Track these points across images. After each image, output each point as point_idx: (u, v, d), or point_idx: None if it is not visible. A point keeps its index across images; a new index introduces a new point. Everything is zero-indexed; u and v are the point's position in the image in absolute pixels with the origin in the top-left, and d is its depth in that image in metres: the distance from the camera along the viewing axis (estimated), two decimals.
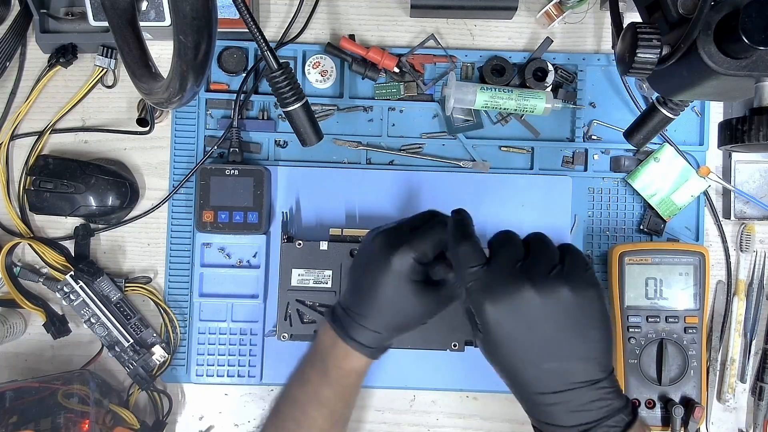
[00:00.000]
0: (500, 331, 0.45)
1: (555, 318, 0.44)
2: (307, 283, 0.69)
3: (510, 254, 0.46)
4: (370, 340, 0.54)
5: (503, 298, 0.44)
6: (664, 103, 0.60)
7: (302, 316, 0.69)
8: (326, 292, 0.68)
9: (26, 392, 0.66)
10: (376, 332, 0.54)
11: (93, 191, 0.70)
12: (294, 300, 0.69)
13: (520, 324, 0.44)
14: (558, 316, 0.44)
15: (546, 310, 0.44)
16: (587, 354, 0.45)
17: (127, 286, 0.73)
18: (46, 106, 0.74)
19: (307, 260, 0.69)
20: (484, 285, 0.45)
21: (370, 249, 0.54)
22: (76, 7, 0.72)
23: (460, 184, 0.74)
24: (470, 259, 0.47)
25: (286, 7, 0.75)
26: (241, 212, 0.71)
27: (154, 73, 0.53)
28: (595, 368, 0.44)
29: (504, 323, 0.44)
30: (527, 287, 0.44)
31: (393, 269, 0.52)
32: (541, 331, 0.44)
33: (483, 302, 0.45)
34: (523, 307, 0.44)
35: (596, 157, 0.75)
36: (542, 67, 0.73)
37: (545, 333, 0.44)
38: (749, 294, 0.74)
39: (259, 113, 0.75)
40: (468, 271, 0.46)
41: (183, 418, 0.74)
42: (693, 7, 0.44)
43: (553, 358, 0.44)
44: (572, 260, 0.46)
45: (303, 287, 0.69)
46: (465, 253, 0.47)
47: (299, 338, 0.69)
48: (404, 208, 0.74)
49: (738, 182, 0.74)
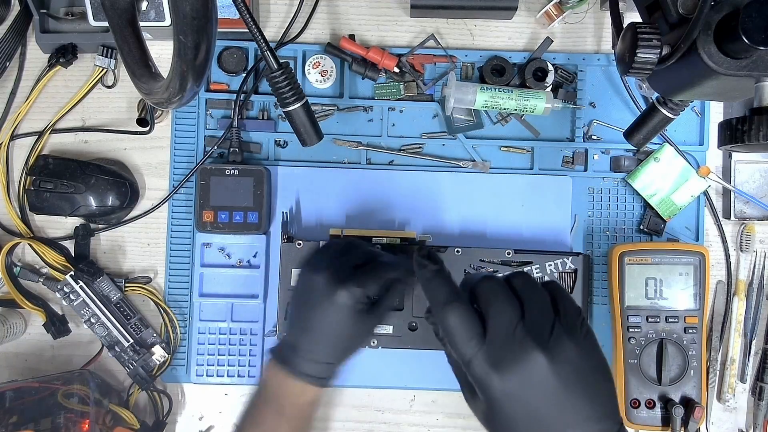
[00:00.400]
0: (510, 405, 0.41)
1: (565, 380, 0.41)
2: None
3: (507, 316, 0.42)
4: (323, 371, 0.56)
5: (512, 368, 0.40)
6: (664, 103, 0.60)
7: None
8: None
9: (26, 392, 0.66)
10: (327, 363, 0.57)
11: (93, 191, 0.70)
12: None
13: (532, 393, 0.41)
14: (568, 376, 0.41)
15: (556, 374, 0.41)
16: (602, 411, 0.42)
17: (127, 286, 0.73)
18: (46, 106, 0.74)
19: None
20: (488, 357, 0.41)
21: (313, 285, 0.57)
22: (76, 7, 0.72)
23: (460, 184, 0.74)
24: (466, 329, 0.42)
25: (286, 7, 0.75)
26: (241, 212, 0.71)
27: (154, 73, 0.53)
28: (610, 423, 0.42)
29: (515, 395, 0.41)
30: (536, 353, 0.40)
31: (340, 304, 0.55)
32: (554, 397, 0.41)
33: (490, 376, 0.41)
34: (534, 375, 0.40)
35: (596, 157, 0.75)
36: (542, 67, 0.73)
37: (558, 398, 0.41)
38: (749, 294, 0.74)
39: (259, 113, 0.75)
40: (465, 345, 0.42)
41: (183, 418, 0.74)
42: (693, 7, 0.44)
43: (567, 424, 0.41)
44: (566, 308, 0.44)
45: None
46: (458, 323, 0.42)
47: None
48: (404, 208, 0.74)
49: (738, 182, 0.74)
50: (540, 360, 0.40)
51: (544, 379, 0.40)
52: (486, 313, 0.43)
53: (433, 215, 0.74)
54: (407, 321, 0.68)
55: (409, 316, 0.68)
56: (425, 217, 0.74)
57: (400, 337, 0.68)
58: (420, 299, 0.68)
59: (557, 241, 0.73)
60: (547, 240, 0.73)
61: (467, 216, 0.74)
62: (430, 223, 0.74)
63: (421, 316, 0.68)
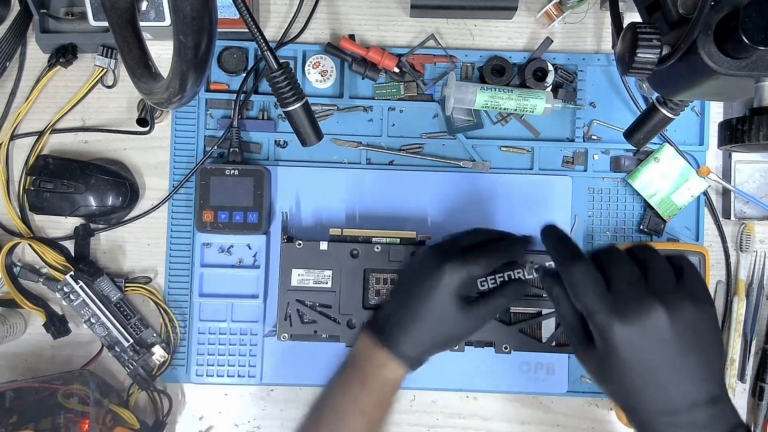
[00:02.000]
0: (629, 352, 0.44)
1: (682, 337, 0.44)
2: (307, 283, 0.68)
3: (630, 273, 0.46)
4: (412, 350, 0.55)
5: (635, 319, 0.44)
6: (664, 103, 0.60)
7: (302, 317, 0.68)
8: (326, 292, 0.68)
9: (26, 392, 0.66)
10: (418, 343, 0.55)
11: (93, 191, 0.70)
12: (294, 300, 0.68)
13: (650, 344, 0.44)
14: (685, 334, 0.44)
15: (674, 330, 0.44)
16: (709, 372, 0.45)
17: (127, 286, 0.73)
18: (46, 106, 0.74)
19: (307, 260, 0.68)
20: (613, 307, 0.44)
21: (421, 260, 0.56)
22: (76, 7, 0.72)
23: (460, 184, 0.74)
24: (592, 282, 0.46)
25: (286, 7, 0.75)
26: (241, 212, 0.71)
27: (154, 73, 0.53)
28: (714, 386, 0.44)
29: (635, 344, 0.44)
30: (657, 306, 0.44)
31: (443, 283, 0.54)
32: (669, 351, 0.44)
33: (611, 324, 0.44)
34: (654, 327, 0.43)
35: (596, 157, 0.75)
36: (542, 67, 0.73)
37: (672, 353, 0.44)
38: (749, 294, 0.74)
39: (259, 113, 0.75)
40: (590, 296, 0.45)
41: (183, 418, 0.74)
42: (693, 7, 0.44)
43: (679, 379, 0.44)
44: (691, 274, 0.46)
45: (303, 287, 0.68)
46: (582, 277, 0.46)
47: (299, 338, 0.68)
48: (404, 208, 0.74)
49: (738, 182, 0.74)
50: (661, 315, 0.43)
51: (664, 333, 0.43)
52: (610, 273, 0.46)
53: (433, 215, 0.74)
54: None
55: None
56: (425, 217, 0.74)
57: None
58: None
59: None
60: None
61: (467, 216, 0.74)
62: (430, 223, 0.74)
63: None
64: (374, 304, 0.68)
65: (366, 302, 0.68)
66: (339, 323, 0.68)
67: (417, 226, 0.73)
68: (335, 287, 0.68)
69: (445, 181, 0.74)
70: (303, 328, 0.68)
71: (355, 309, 0.68)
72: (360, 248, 0.68)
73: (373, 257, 0.68)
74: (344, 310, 0.68)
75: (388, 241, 0.68)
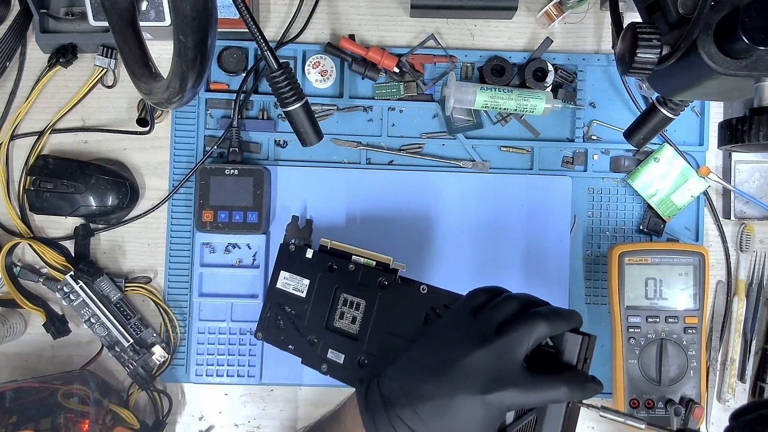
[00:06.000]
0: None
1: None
2: (288, 288, 0.65)
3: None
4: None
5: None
6: (664, 103, 0.60)
7: (279, 321, 0.65)
8: (300, 302, 0.64)
9: (26, 392, 0.66)
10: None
11: (93, 191, 0.70)
12: (276, 302, 0.65)
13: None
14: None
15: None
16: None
17: (127, 286, 0.73)
18: (46, 106, 0.74)
19: (293, 265, 0.65)
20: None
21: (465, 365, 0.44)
22: (76, 7, 0.72)
23: (460, 184, 0.74)
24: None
25: (286, 7, 0.75)
26: (241, 212, 0.71)
27: (154, 73, 0.53)
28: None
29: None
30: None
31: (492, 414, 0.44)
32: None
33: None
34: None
35: (596, 157, 0.75)
36: (542, 67, 0.73)
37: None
38: (749, 294, 0.74)
39: (259, 113, 0.75)
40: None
41: (183, 418, 0.74)
42: (693, 7, 0.44)
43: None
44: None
45: (284, 291, 0.65)
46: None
47: (270, 342, 0.65)
48: (404, 208, 0.74)
49: (738, 182, 0.74)
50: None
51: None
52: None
53: (433, 215, 0.74)
54: (358, 355, 0.59)
55: (361, 351, 0.59)
56: (425, 217, 0.74)
57: (347, 369, 0.60)
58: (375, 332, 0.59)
59: (557, 241, 0.73)
60: (547, 240, 0.73)
61: (467, 216, 0.74)
62: (430, 223, 0.74)
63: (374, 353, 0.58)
64: (336, 327, 0.61)
65: (330, 322, 0.62)
66: (303, 337, 0.63)
67: (416, 226, 0.73)
68: (308, 299, 0.64)
69: (445, 181, 0.74)
70: (275, 333, 0.65)
71: (318, 328, 0.62)
72: (338, 264, 0.63)
73: (346, 275, 0.62)
74: (310, 325, 0.63)
75: (365, 262, 0.62)
